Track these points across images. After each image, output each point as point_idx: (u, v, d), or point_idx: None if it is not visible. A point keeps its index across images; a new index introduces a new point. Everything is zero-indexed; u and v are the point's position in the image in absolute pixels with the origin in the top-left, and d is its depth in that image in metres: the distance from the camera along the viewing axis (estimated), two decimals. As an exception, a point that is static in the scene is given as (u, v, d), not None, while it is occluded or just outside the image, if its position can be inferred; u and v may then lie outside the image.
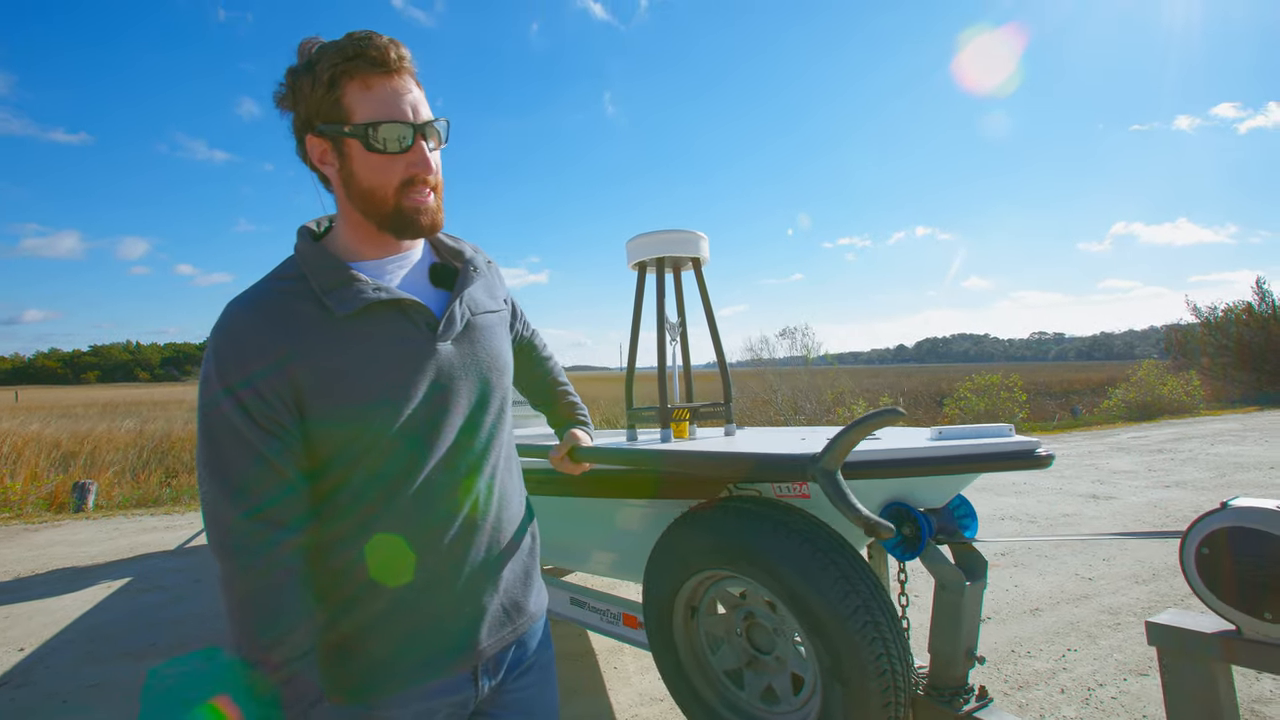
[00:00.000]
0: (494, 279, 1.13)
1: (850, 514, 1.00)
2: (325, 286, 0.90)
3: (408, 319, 0.94)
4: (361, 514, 0.91)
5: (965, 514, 1.61)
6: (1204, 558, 1.12)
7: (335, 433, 0.88)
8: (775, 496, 1.62)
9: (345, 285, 0.91)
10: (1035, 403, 17.86)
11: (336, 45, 0.88)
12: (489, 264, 1.14)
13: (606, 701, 2.86)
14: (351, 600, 0.91)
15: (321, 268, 0.92)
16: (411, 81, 0.92)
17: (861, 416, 1.12)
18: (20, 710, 2.92)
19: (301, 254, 0.94)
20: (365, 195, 0.92)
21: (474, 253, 1.11)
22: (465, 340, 0.99)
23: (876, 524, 0.98)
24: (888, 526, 0.98)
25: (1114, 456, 9.22)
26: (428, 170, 0.92)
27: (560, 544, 2.63)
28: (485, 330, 1.04)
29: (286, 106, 0.93)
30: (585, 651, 3.38)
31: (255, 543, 0.83)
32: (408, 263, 1.01)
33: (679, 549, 1.64)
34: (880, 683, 1.33)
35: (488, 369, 1.02)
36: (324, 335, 0.88)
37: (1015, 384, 13.73)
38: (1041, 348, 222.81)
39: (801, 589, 1.37)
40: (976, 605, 1.52)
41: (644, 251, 2.66)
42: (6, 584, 4.97)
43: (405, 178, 0.91)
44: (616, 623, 2.34)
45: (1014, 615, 3.65)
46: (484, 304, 1.06)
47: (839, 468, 1.10)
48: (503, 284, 1.17)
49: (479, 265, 1.09)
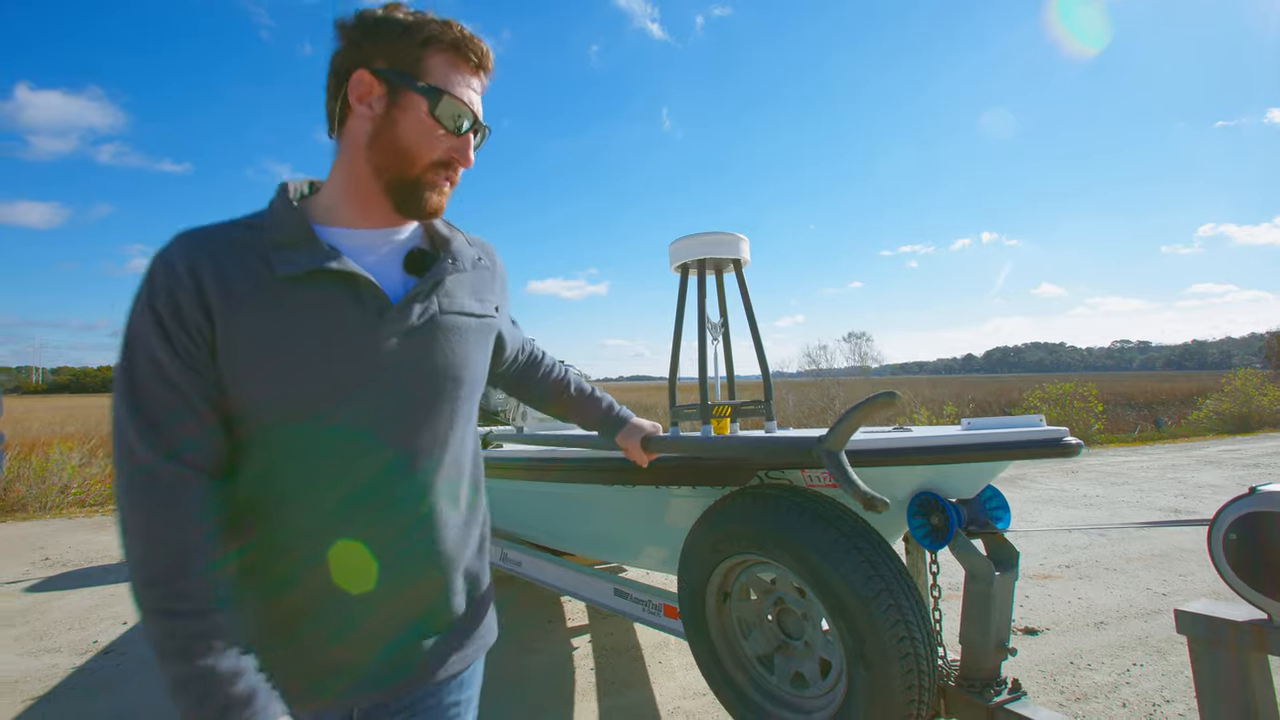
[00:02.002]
0: (487, 281, 1.01)
1: (850, 489, 1.05)
2: (277, 242, 0.82)
3: (356, 298, 0.84)
4: (258, 502, 0.82)
5: (997, 505, 1.60)
6: (1232, 544, 1.10)
7: (243, 402, 0.80)
8: (806, 486, 1.66)
9: (296, 246, 0.82)
10: (1114, 413, 16.84)
11: (442, 22, 0.86)
12: (489, 265, 1.03)
13: (651, 694, 2.92)
14: None
15: (283, 222, 0.84)
16: (486, 85, 0.92)
17: (860, 401, 1.17)
18: (122, 674, 3.27)
19: (272, 206, 0.87)
20: (397, 152, 0.86)
21: (467, 246, 0.99)
22: (423, 336, 0.88)
23: (873, 498, 1.03)
24: (882, 500, 1.03)
25: (1201, 470, 8.61)
26: (467, 161, 0.90)
27: (594, 535, 2.73)
28: (454, 332, 0.92)
29: (348, 37, 0.86)
30: (631, 646, 3.45)
31: (168, 485, 0.75)
32: (386, 241, 0.92)
33: (711, 535, 1.70)
34: (903, 665, 1.36)
35: (442, 375, 0.90)
36: (257, 293, 0.80)
37: (1090, 393, 13.00)
38: (1124, 356, 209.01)
39: (826, 572, 1.41)
40: (1007, 596, 1.52)
41: (686, 254, 2.74)
42: (112, 566, 5.49)
43: (445, 157, 0.88)
44: (658, 613, 2.41)
45: (1075, 627, 3.51)
46: (462, 303, 0.94)
47: (842, 448, 1.15)
48: (501, 292, 1.05)
49: (465, 260, 0.97)
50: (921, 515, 1.57)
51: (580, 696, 2.90)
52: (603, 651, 3.39)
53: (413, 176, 0.87)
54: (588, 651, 3.39)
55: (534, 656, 3.34)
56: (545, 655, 3.36)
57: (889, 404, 1.13)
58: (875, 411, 1.16)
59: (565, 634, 3.66)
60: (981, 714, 1.51)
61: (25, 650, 3.62)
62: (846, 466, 1.11)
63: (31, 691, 3.10)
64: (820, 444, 1.18)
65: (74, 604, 4.46)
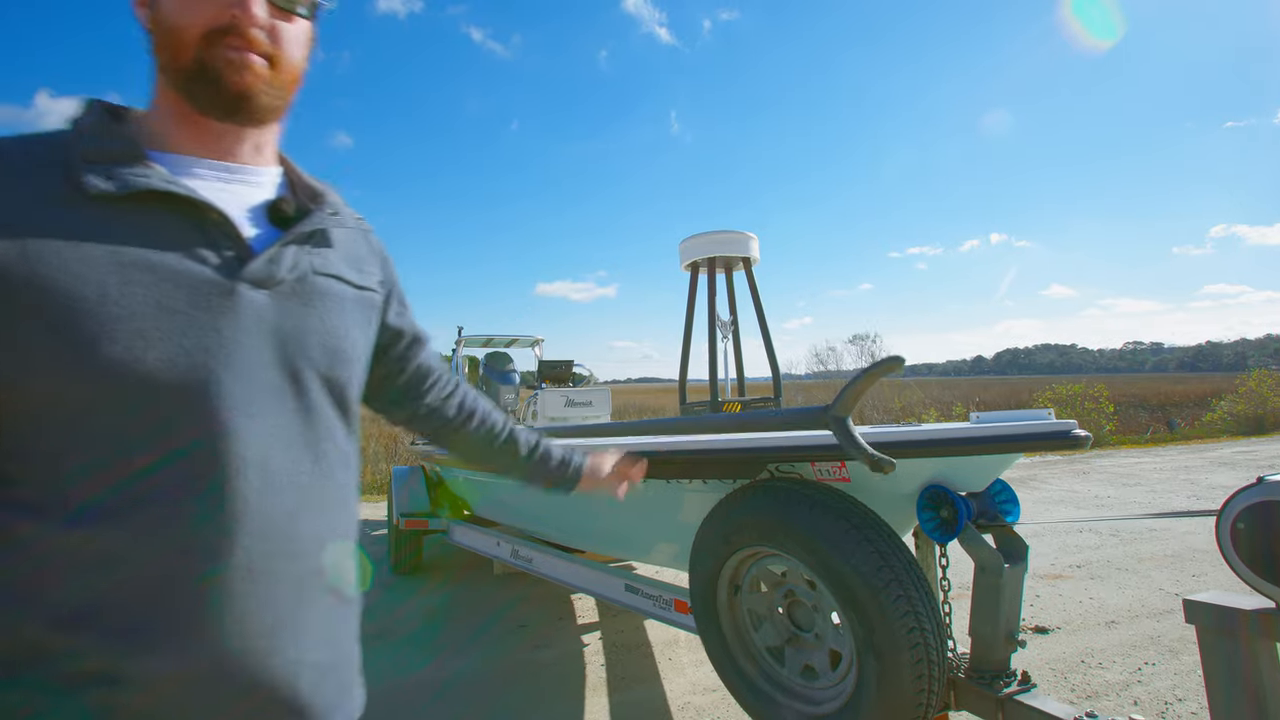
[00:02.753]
0: (366, 250, 0.85)
1: (857, 453, 1.08)
2: (91, 155, 0.63)
3: (203, 235, 0.66)
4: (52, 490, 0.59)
5: (1006, 499, 1.62)
6: (1239, 533, 1.12)
7: (29, 359, 0.58)
8: (816, 479, 1.68)
9: (120, 161, 0.64)
10: (1126, 415, 16.70)
11: None
12: (364, 231, 0.87)
13: (661, 690, 2.95)
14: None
15: (99, 134, 0.66)
16: None
17: (865, 367, 1.20)
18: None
19: (79, 120, 0.67)
20: (166, 43, 0.68)
21: (344, 206, 0.83)
22: (290, 299, 0.69)
23: (879, 459, 1.06)
24: (889, 460, 1.05)
25: (1215, 471, 8.54)
26: (249, 17, 0.67)
27: (605, 532, 2.76)
28: (329, 299, 0.74)
29: None
30: (641, 643, 3.47)
31: None
32: (238, 179, 0.74)
33: (722, 528, 1.72)
34: (913, 655, 1.37)
35: (314, 349, 0.71)
36: (58, 216, 0.60)
37: (1101, 394, 12.91)
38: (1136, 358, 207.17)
39: (837, 563, 1.43)
40: (1016, 588, 1.53)
41: (696, 252, 2.77)
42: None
43: (217, 22, 0.66)
44: (668, 609, 2.43)
45: (1086, 626, 3.50)
46: (337, 268, 0.77)
47: (849, 414, 1.19)
48: (384, 266, 0.88)
49: (345, 217, 0.81)
50: (931, 508, 1.59)
51: (591, 691, 2.93)
52: (613, 648, 3.42)
53: (191, 58, 0.67)
54: (598, 648, 3.42)
55: (545, 652, 3.38)
56: (556, 651, 3.39)
57: (894, 367, 1.18)
58: (880, 375, 1.20)
59: (576, 630, 3.69)
60: (991, 705, 1.52)
61: None
62: (853, 431, 1.15)
63: None
64: (828, 411, 1.21)
65: None
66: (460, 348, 6.63)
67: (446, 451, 1.11)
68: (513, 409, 6.09)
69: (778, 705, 1.69)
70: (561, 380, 5.61)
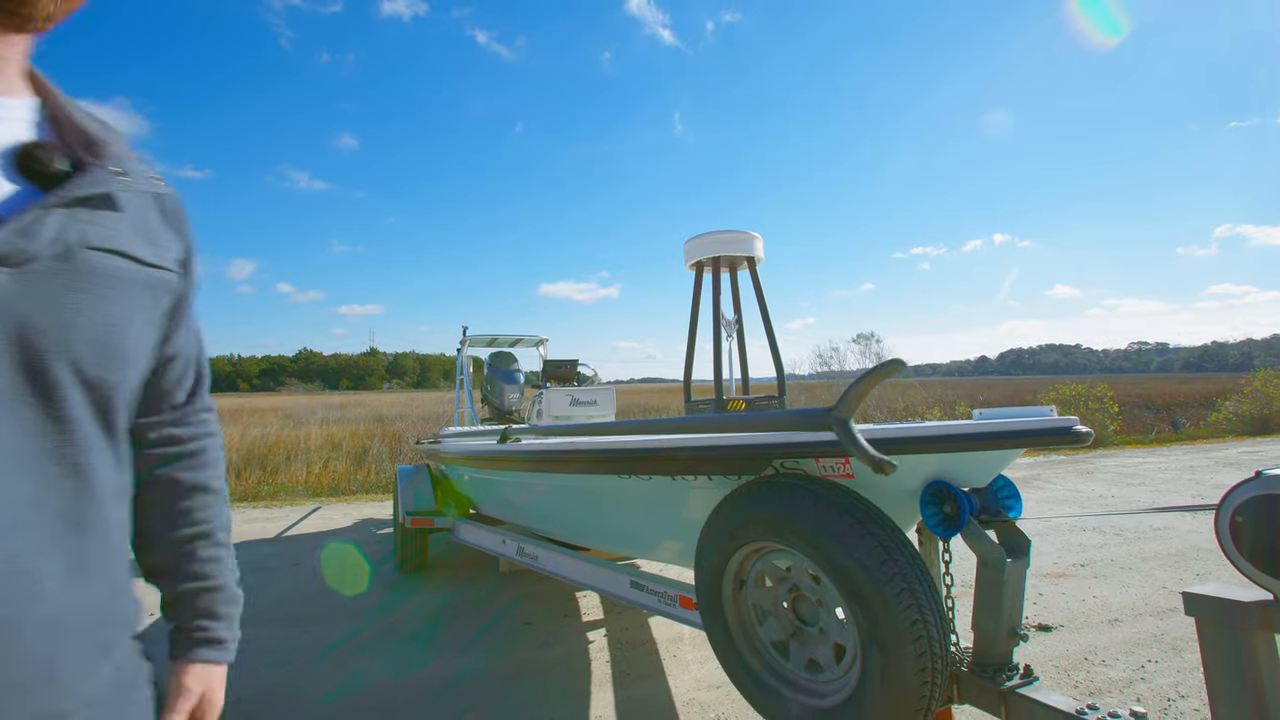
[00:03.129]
0: (161, 220, 0.66)
1: (859, 454, 1.10)
2: None
3: None
4: None
5: (1009, 495, 1.64)
6: (1238, 526, 1.13)
7: None
8: (820, 475, 1.70)
9: None
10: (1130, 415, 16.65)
11: None
12: (161, 194, 0.67)
13: (666, 686, 2.97)
14: None
15: None
16: None
17: (868, 369, 1.22)
18: (150, 665, 3.36)
19: None
20: None
21: (133, 160, 0.64)
22: (46, 280, 0.52)
23: (880, 460, 1.08)
24: (890, 462, 1.07)
25: (1220, 471, 8.52)
26: None
27: (611, 530, 2.78)
28: (103, 280, 0.57)
29: None
30: (646, 640, 3.50)
31: None
32: None
33: (727, 523, 1.74)
34: (916, 648, 1.39)
35: (78, 344, 0.55)
36: None
37: (1104, 394, 12.89)
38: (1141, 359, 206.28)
39: (840, 557, 1.45)
40: (1019, 583, 1.55)
41: (701, 251, 2.78)
42: (135, 562, 5.63)
43: None
44: (673, 604, 2.45)
45: (1090, 625, 3.51)
46: (120, 241, 0.59)
47: (852, 415, 1.22)
48: (181, 240, 0.69)
49: (135, 175, 0.63)
50: (934, 504, 1.60)
51: (596, 688, 2.95)
52: (618, 645, 3.44)
53: None
54: (603, 645, 3.44)
55: (551, 649, 3.40)
56: (561, 648, 3.41)
57: (896, 369, 1.21)
58: (882, 378, 1.23)
59: (581, 628, 3.71)
60: (994, 698, 1.54)
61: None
62: (855, 432, 1.18)
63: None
64: (831, 413, 1.24)
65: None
66: (465, 348, 6.67)
67: None
68: (517, 408, 6.12)
69: (783, 699, 1.71)
70: (566, 380, 5.64)
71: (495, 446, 3.11)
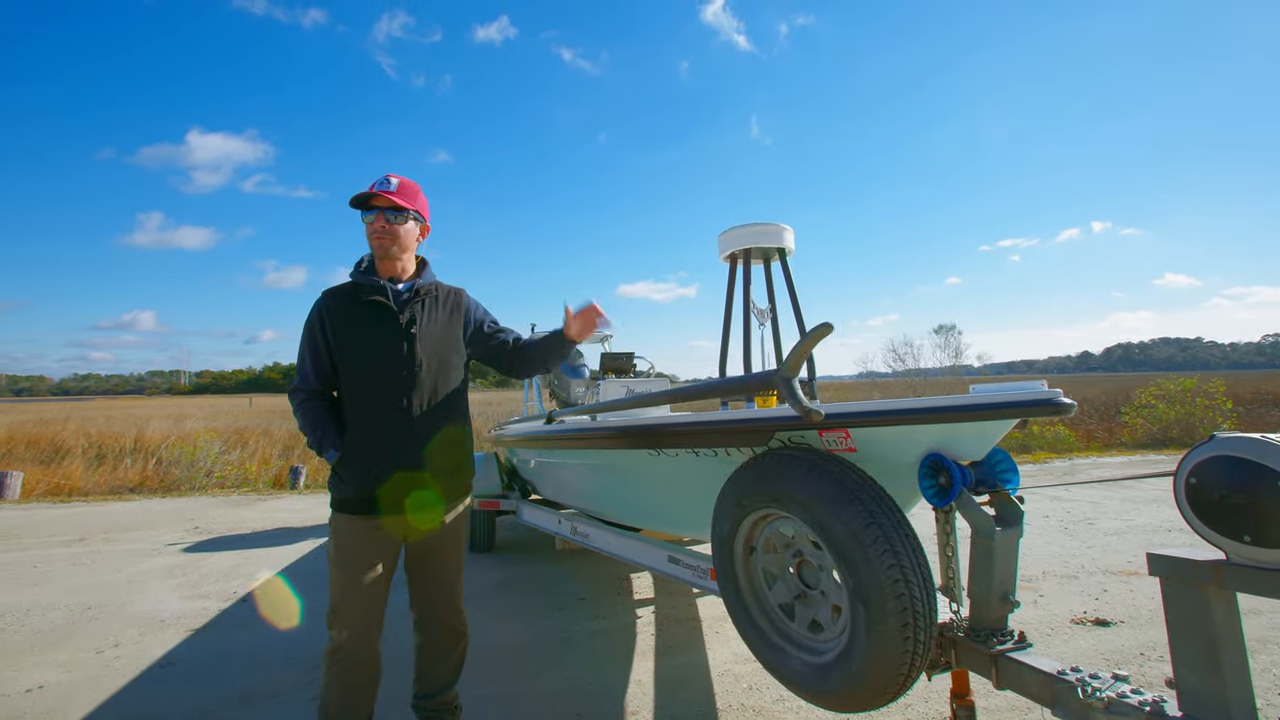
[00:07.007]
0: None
1: (795, 406, 1.25)
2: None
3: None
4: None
5: (1007, 468, 1.69)
6: (1193, 488, 1.19)
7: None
8: (825, 450, 1.82)
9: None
10: (1253, 413, 15.17)
11: None
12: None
13: (705, 658, 3.13)
14: None
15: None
16: None
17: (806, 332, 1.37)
18: (256, 616, 3.86)
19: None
20: None
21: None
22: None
23: (810, 410, 1.24)
24: (818, 411, 1.21)
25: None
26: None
27: (653, 508, 2.96)
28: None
29: None
30: (692, 618, 3.66)
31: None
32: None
33: (735, 492, 1.89)
34: (897, 605, 1.49)
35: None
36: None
37: (1217, 389, 11.82)
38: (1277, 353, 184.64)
39: (828, 519, 1.58)
40: (1011, 551, 1.61)
41: (733, 243, 2.92)
42: (245, 535, 6.39)
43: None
44: (705, 577, 2.61)
45: (1153, 623, 3.36)
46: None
47: (795, 375, 1.41)
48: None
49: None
50: (931, 476, 1.69)
51: (639, 657, 3.15)
52: (664, 621, 3.62)
53: None
54: (650, 620, 3.64)
55: (600, 622, 3.63)
56: (610, 621, 3.63)
57: (827, 331, 1.41)
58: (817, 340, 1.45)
59: (631, 605, 3.92)
60: (985, 661, 1.61)
61: (184, 596, 4.34)
62: (796, 389, 1.37)
63: (190, 625, 3.75)
64: (777, 372, 1.43)
65: (219, 562, 5.24)
66: (533, 343, 7.00)
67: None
68: (582, 400, 6.41)
69: (788, 656, 1.84)
70: (623, 371, 5.87)
71: (542, 428, 3.36)
